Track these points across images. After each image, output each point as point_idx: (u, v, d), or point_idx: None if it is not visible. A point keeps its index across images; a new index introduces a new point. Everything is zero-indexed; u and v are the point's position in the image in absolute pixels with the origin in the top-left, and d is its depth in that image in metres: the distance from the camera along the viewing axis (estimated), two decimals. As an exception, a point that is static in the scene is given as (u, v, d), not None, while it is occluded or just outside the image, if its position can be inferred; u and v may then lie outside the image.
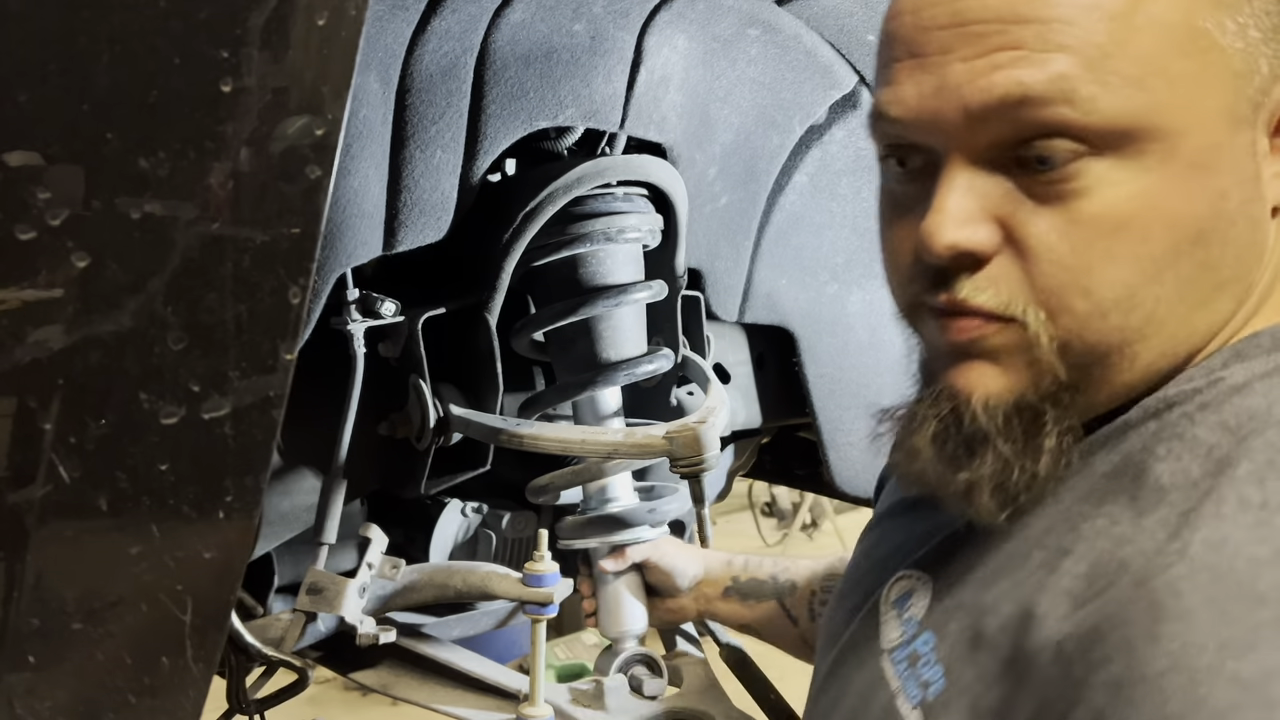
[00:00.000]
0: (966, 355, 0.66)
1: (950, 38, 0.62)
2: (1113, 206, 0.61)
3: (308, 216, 0.71)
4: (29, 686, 0.75)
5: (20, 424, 0.69)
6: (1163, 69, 0.60)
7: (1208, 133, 0.62)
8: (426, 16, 1.10)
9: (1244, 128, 0.63)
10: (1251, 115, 0.63)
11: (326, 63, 0.69)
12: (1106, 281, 0.62)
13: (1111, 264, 0.61)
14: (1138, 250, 0.61)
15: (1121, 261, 0.61)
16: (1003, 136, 0.62)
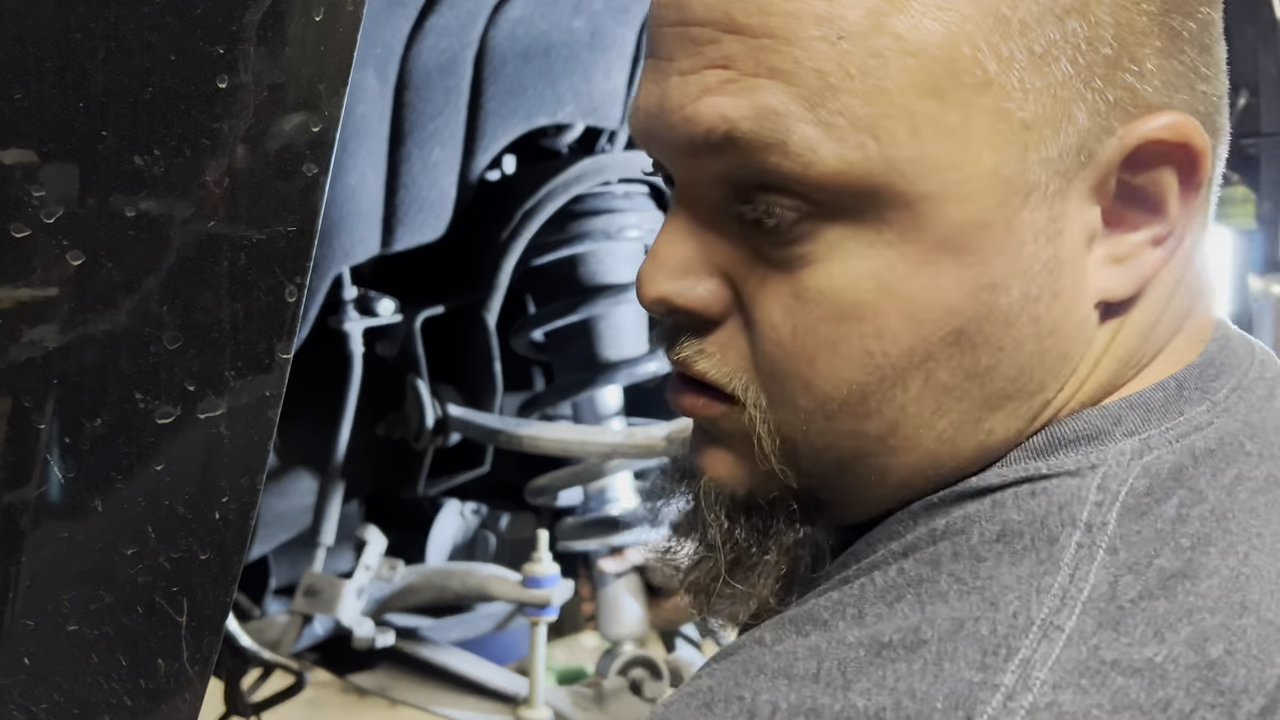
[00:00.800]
0: (701, 431, 0.55)
1: (674, 40, 0.48)
2: (841, 285, 0.47)
3: (304, 214, 0.71)
4: (23, 689, 0.75)
5: (14, 424, 0.69)
6: (908, 111, 0.45)
7: (972, 204, 0.46)
8: (425, 13, 1.10)
9: (1037, 201, 0.47)
10: (1058, 183, 0.47)
11: (323, 59, 0.69)
12: (830, 377, 0.49)
13: (836, 356, 0.48)
14: (869, 344, 0.48)
15: (849, 355, 0.48)
16: (721, 180, 0.49)
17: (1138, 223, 0.48)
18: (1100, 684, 0.40)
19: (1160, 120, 0.46)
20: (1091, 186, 0.48)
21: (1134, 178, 0.48)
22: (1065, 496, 0.46)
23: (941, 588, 0.44)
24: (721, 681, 0.45)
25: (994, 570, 0.44)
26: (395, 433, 1.27)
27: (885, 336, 0.48)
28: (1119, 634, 0.42)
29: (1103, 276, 0.49)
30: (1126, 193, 0.48)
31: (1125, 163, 0.47)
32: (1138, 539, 0.44)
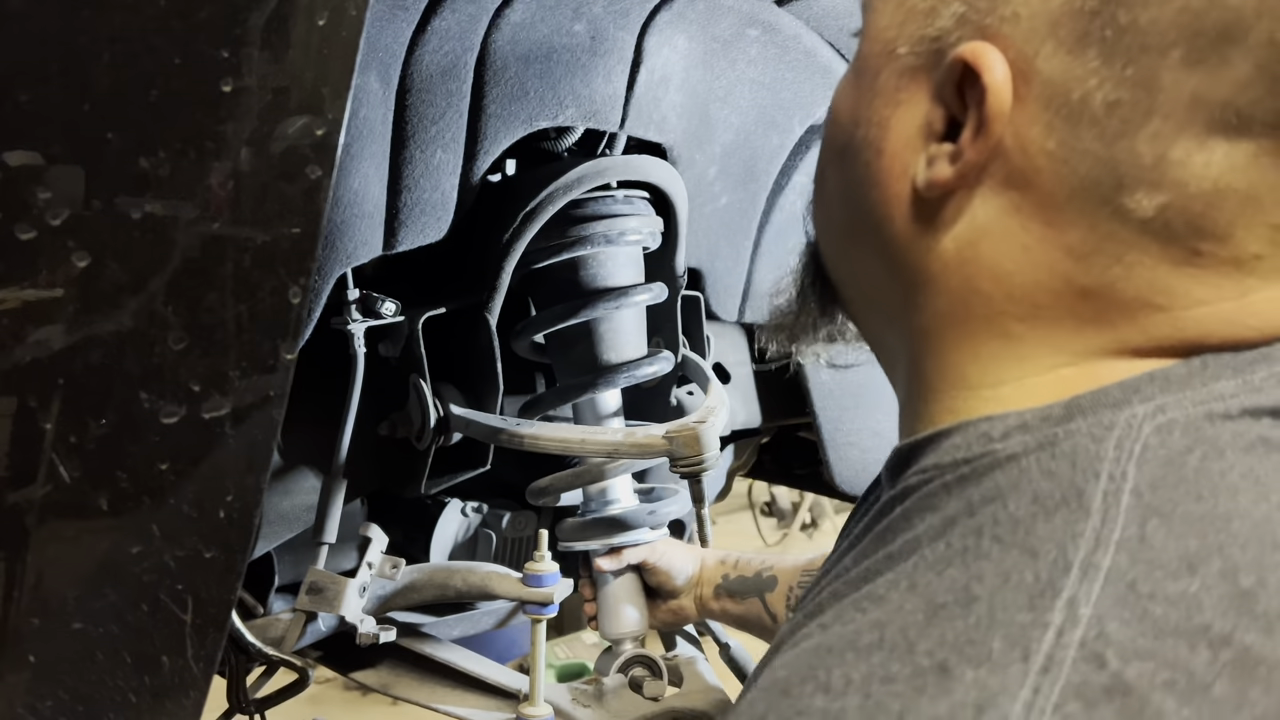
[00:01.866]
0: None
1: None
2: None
3: (308, 216, 0.71)
4: (29, 686, 0.75)
5: (21, 424, 0.69)
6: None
7: (869, 45, 0.57)
8: (426, 16, 1.10)
9: (895, 68, 0.55)
10: (911, 62, 0.54)
11: (327, 63, 0.69)
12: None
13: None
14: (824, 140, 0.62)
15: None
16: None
17: (954, 136, 0.53)
18: (1141, 615, 0.42)
19: (972, 44, 0.51)
20: (935, 86, 0.53)
21: (960, 93, 0.52)
22: (1086, 457, 0.48)
23: (985, 549, 0.46)
24: (794, 668, 0.47)
25: (1030, 527, 0.46)
26: (397, 432, 1.28)
27: (829, 130, 0.60)
28: (1152, 569, 0.43)
29: (919, 166, 0.54)
30: (954, 105, 0.52)
31: (956, 76, 0.51)
32: (1161, 485, 0.46)
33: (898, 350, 0.61)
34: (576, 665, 3.13)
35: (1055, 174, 0.51)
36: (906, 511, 0.53)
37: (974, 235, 0.53)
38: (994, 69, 0.50)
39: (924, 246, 0.55)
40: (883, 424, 1.56)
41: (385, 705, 1.77)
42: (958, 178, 0.52)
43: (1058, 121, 0.50)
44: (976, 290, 0.53)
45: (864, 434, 1.55)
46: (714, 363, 1.47)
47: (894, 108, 0.55)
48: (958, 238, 0.53)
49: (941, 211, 0.53)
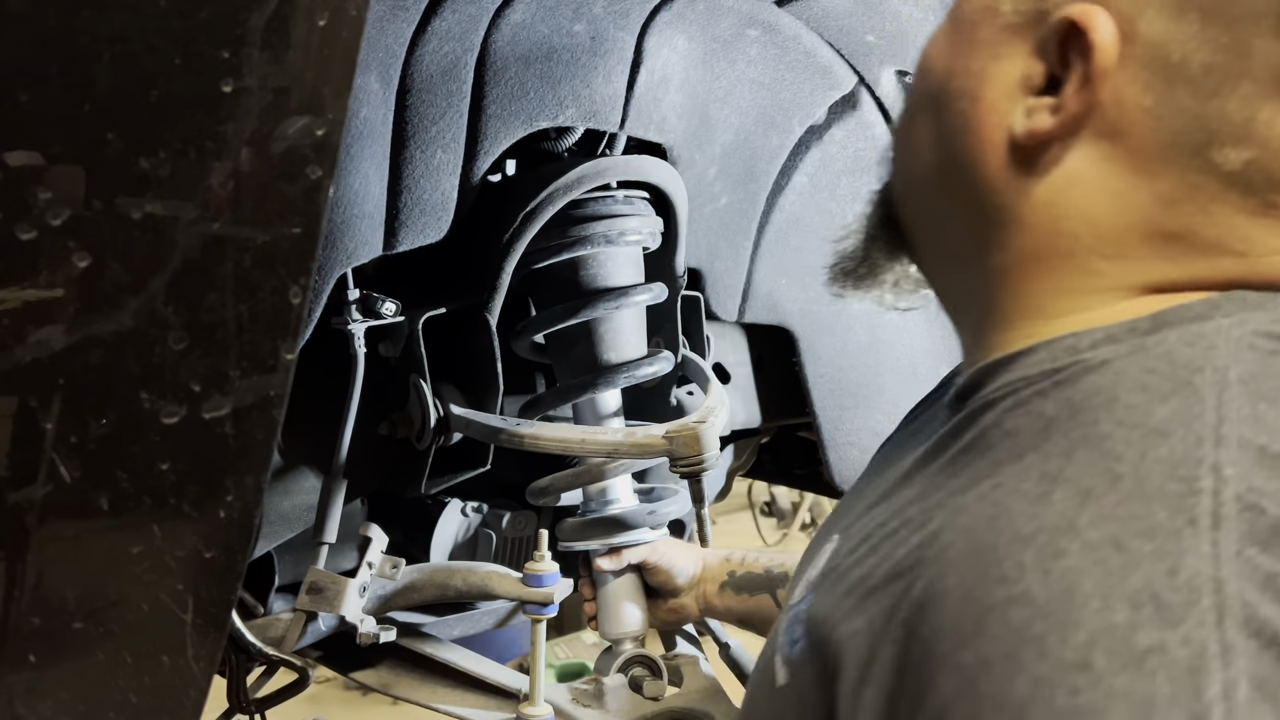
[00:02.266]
0: None
1: None
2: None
3: (308, 216, 0.71)
4: (30, 686, 0.75)
5: (21, 424, 0.69)
6: None
7: (971, 4, 0.62)
8: (427, 17, 1.10)
9: (996, 24, 0.60)
10: (1014, 20, 0.59)
11: (327, 63, 0.69)
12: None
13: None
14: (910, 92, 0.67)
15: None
16: None
17: (1056, 89, 0.57)
18: (1277, 470, 0.47)
19: (1081, 5, 0.55)
20: (1038, 43, 0.57)
21: (1066, 50, 0.56)
22: (1183, 357, 0.52)
23: (1107, 432, 0.50)
24: (960, 574, 0.49)
25: (1149, 411, 0.50)
26: (398, 432, 1.28)
27: (920, 80, 0.65)
28: (1273, 438, 0.48)
29: (1016, 112, 0.58)
30: (1058, 63, 0.57)
31: (1061, 34, 0.56)
32: (1261, 377, 0.50)
33: (968, 289, 0.64)
34: (576, 665, 3.13)
35: (1150, 128, 0.55)
36: (997, 420, 0.56)
37: (1066, 182, 0.57)
38: (1102, 28, 0.54)
39: (1015, 189, 0.59)
40: (882, 424, 1.56)
41: (385, 705, 1.77)
42: (1058, 128, 0.56)
43: (1156, 80, 0.55)
44: (1063, 231, 0.58)
45: (864, 434, 1.55)
46: (714, 363, 1.47)
47: (993, 61, 0.59)
48: (1050, 183, 0.58)
49: (1037, 159, 0.58)
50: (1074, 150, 0.57)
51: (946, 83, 0.62)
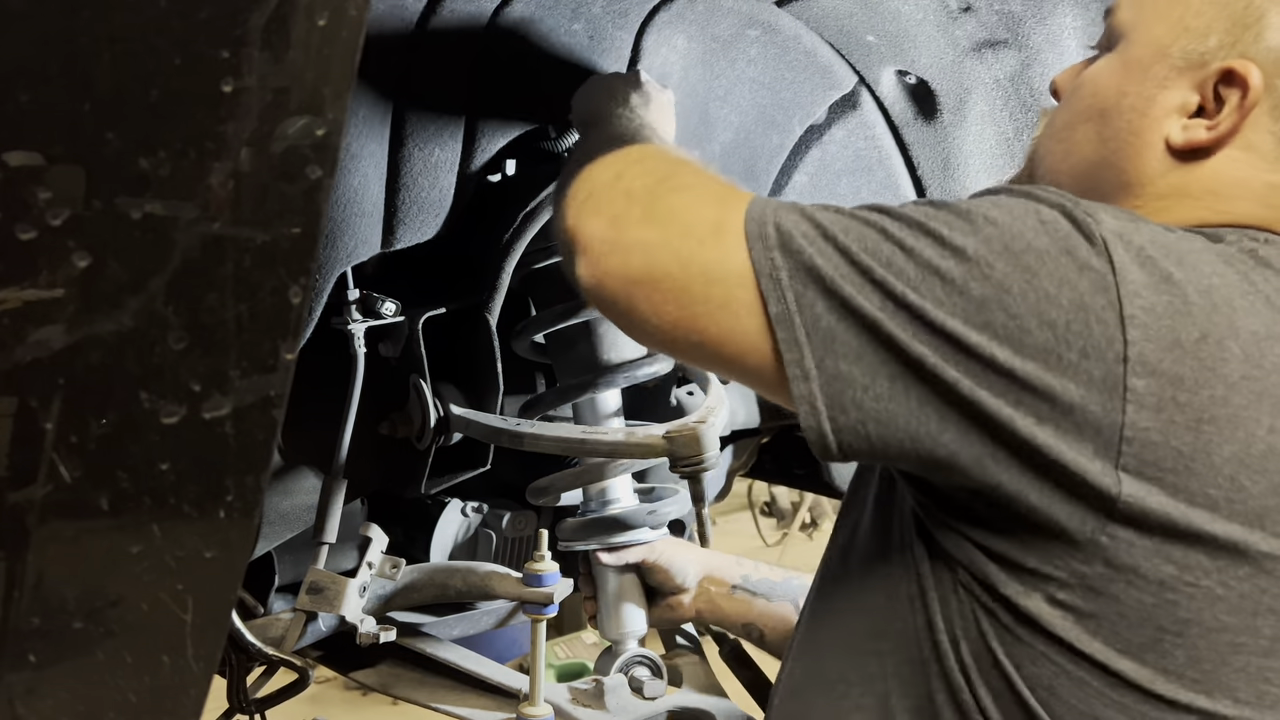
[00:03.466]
0: None
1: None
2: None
3: (308, 216, 0.71)
4: (30, 686, 0.75)
5: (21, 424, 0.69)
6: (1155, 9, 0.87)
7: (1140, 49, 0.86)
8: (426, 14, 1.10)
9: (1164, 65, 0.85)
10: (1180, 64, 0.84)
11: (327, 63, 0.69)
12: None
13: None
14: (1069, 106, 0.91)
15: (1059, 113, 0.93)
16: None
17: (1208, 115, 0.84)
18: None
19: (1240, 60, 0.82)
20: (1198, 81, 0.84)
21: (1219, 89, 0.83)
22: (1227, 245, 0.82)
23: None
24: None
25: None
26: (398, 432, 1.28)
27: (1072, 102, 0.91)
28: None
29: (1174, 128, 0.84)
30: (1211, 96, 0.83)
31: (1218, 78, 0.83)
32: (1204, 256, 0.78)
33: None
34: (576, 665, 3.13)
35: (1272, 145, 0.83)
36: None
37: (1201, 170, 0.84)
38: (1254, 75, 0.82)
39: (1160, 173, 0.85)
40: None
41: (385, 705, 1.77)
42: (1211, 140, 0.84)
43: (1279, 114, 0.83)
44: (1188, 194, 0.84)
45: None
46: (714, 363, 1.47)
47: (1160, 89, 0.85)
48: (1187, 170, 0.84)
49: (1185, 156, 0.84)
50: (1215, 154, 0.84)
51: (1118, 101, 0.87)
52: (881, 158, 1.51)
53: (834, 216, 0.75)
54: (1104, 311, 0.70)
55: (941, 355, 0.71)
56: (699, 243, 0.76)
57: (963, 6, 1.42)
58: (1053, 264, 0.71)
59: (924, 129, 1.49)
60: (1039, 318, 0.70)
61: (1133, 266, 0.71)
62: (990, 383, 0.70)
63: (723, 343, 0.77)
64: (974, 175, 1.50)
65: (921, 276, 0.71)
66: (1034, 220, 0.73)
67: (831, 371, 0.72)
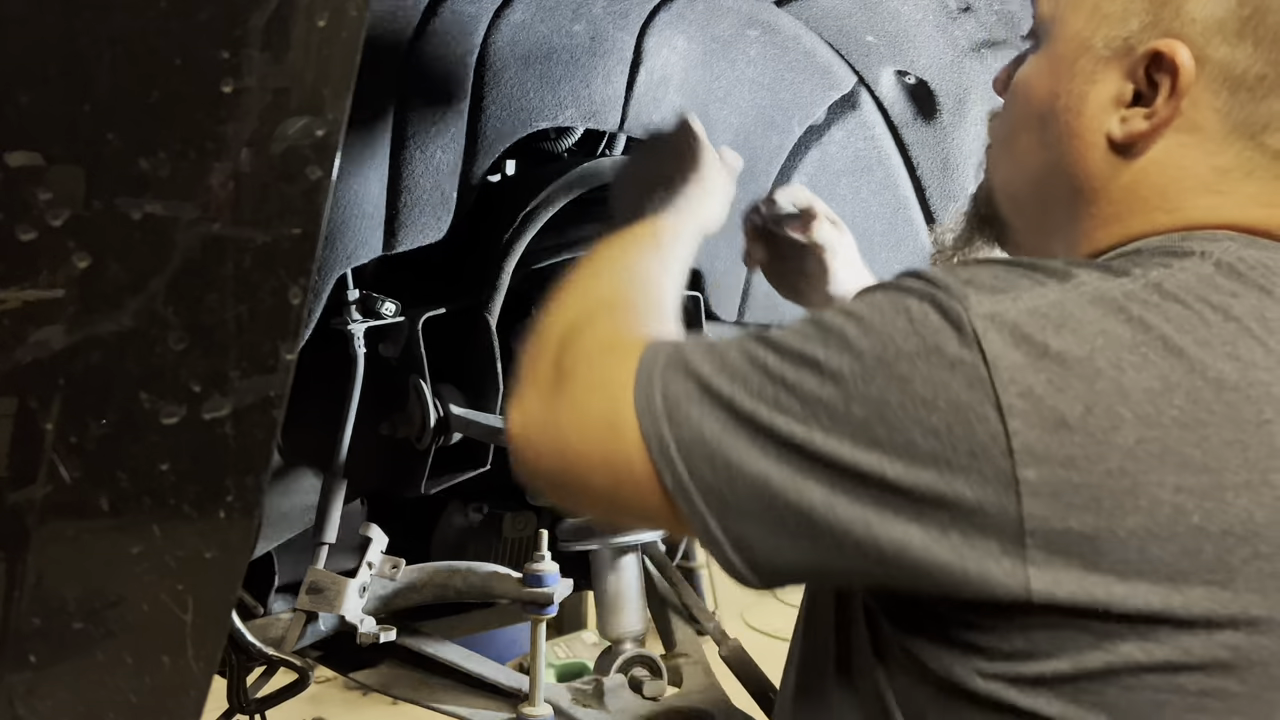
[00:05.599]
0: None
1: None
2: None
3: (308, 217, 0.71)
4: (30, 686, 0.75)
5: (21, 424, 0.69)
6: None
7: (1064, 43, 0.81)
8: (427, 16, 1.10)
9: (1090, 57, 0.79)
10: (1106, 54, 0.78)
11: (327, 64, 0.69)
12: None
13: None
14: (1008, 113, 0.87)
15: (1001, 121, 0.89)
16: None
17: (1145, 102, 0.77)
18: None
19: (1165, 40, 0.75)
20: (1127, 69, 0.77)
21: (1151, 73, 0.76)
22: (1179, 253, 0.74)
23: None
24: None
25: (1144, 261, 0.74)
26: (398, 432, 1.28)
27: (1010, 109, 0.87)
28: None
29: (1112, 122, 0.78)
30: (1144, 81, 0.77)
31: (1147, 62, 0.76)
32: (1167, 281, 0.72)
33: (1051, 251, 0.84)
34: (576, 665, 3.13)
35: (1218, 122, 0.76)
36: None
37: (1148, 164, 0.78)
38: (1183, 55, 0.75)
39: (1108, 174, 0.79)
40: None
41: (385, 705, 1.77)
42: (1150, 129, 0.77)
43: (1222, 89, 0.75)
44: (1139, 197, 0.79)
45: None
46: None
47: (1090, 84, 0.79)
48: (1135, 167, 0.78)
49: (1128, 151, 0.78)
50: (1159, 143, 0.77)
51: (1051, 103, 0.81)
52: (881, 158, 1.51)
53: (717, 365, 0.72)
54: (981, 407, 0.66)
55: (836, 489, 0.68)
56: (598, 443, 0.74)
57: (962, 6, 1.42)
58: (924, 367, 0.67)
59: (923, 129, 1.49)
60: (921, 426, 0.67)
61: (1006, 350, 0.67)
62: (883, 504, 0.68)
63: (646, 518, 0.77)
64: (973, 175, 1.50)
65: (806, 410, 0.69)
66: (904, 322, 0.69)
67: (735, 534, 0.71)
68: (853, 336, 0.70)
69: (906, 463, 0.67)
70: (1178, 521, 0.66)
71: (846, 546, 0.69)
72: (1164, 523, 0.66)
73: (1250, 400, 0.67)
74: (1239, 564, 0.67)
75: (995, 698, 0.70)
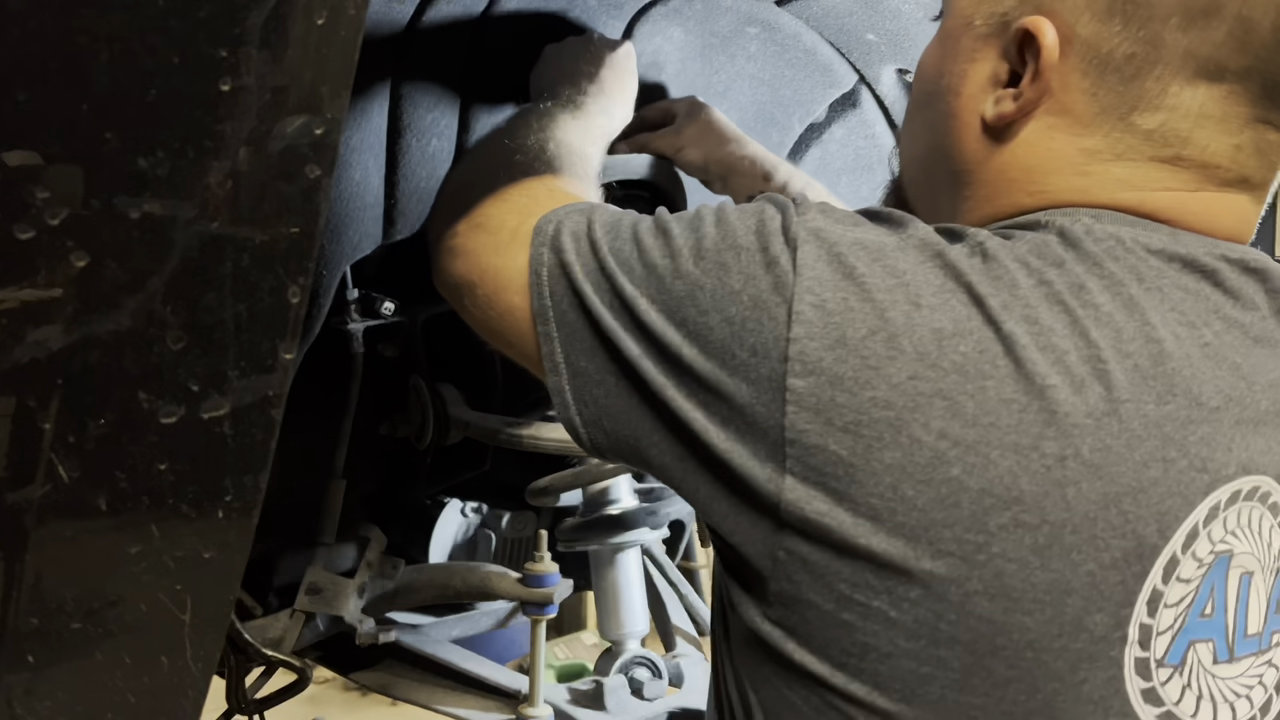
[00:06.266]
0: None
1: None
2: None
3: (307, 216, 0.71)
4: (28, 686, 0.75)
5: (19, 424, 0.69)
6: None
7: (950, 20, 0.79)
8: (422, 6, 1.10)
9: (971, 34, 0.77)
10: (984, 31, 0.76)
11: (326, 62, 0.69)
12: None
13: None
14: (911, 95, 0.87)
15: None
16: None
17: (1016, 81, 0.75)
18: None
19: (1032, 17, 0.73)
20: (1002, 47, 0.75)
21: (1024, 52, 0.74)
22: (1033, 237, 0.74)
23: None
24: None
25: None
26: (398, 432, 1.28)
27: (917, 82, 0.85)
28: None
29: (987, 104, 0.76)
30: (1017, 61, 0.74)
31: (1018, 40, 0.74)
32: (1005, 249, 0.71)
33: (932, 212, 0.81)
34: (576, 665, 3.13)
35: (1086, 103, 0.73)
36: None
37: (1017, 146, 0.75)
38: (1047, 34, 0.72)
39: (982, 157, 0.77)
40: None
41: (385, 706, 1.77)
42: (1017, 111, 0.75)
43: (1090, 69, 0.72)
44: (1007, 179, 0.76)
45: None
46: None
47: (970, 63, 0.77)
48: (1006, 150, 0.76)
49: (1000, 134, 0.76)
50: (1028, 125, 0.75)
51: (937, 82, 0.80)
52: (882, 156, 1.51)
53: (607, 217, 0.77)
54: (776, 309, 0.67)
55: (647, 354, 0.71)
56: (495, 250, 0.81)
57: (963, 5, 1.42)
58: (746, 260, 0.69)
59: (924, 128, 1.49)
60: (721, 314, 0.68)
61: (818, 264, 0.67)
62: (681, 382, 0.70)
63: (511, 341, 0.81)
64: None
65: (645, 274, 0.72)
66: (752, 219, 0.71)
67: (575, 366, 0.75)
68: (706, 223, 0.73)
69: (700, 347, 0.69)
70: (936, 468, 0.64)
71: (651, 411, 0.72)
72: (922, 465, 0.64)
73: (1035, 365, 0.65)
74: (996, 529, 0.64)
75: (777, 648, 0.70)
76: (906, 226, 0.71)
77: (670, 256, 0.72)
